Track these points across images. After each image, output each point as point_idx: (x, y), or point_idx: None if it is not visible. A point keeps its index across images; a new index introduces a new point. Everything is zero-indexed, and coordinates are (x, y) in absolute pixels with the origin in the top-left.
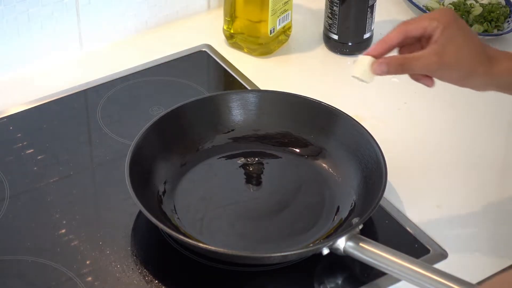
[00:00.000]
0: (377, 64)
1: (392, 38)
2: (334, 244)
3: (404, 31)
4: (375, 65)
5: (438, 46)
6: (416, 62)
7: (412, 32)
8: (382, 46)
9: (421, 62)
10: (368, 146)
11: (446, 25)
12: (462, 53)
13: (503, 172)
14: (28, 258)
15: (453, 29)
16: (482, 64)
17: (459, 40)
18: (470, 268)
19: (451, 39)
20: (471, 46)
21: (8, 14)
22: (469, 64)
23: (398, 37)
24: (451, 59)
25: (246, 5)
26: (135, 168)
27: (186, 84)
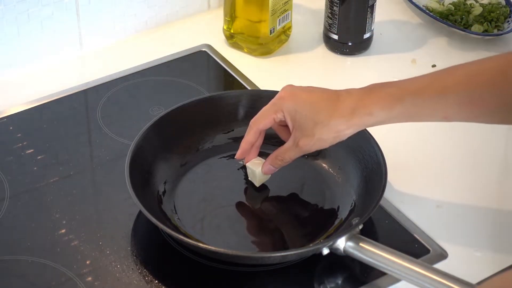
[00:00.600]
0: (264, 168)
1: (250, 140)
2: (334, 244)
3: (258, 130)
4: (264, 169)
5: (293, 137)
6: (284, 156)
7: (263, 127)
8: (247, 149)
9: (287, 155)
10: (368, 146)
11: (288, 110)
12: (313, 126)
13: (503, 172)
14: (28, 258)
15: (295, 110)
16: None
17: (303, 119)
18: (470, 268)
19: (297, 124)
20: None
21: (8, 14)
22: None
23: (255, 136)
24: (307, 141)
25: (246, 5)
26: (135, 168)
27: (186, 84)
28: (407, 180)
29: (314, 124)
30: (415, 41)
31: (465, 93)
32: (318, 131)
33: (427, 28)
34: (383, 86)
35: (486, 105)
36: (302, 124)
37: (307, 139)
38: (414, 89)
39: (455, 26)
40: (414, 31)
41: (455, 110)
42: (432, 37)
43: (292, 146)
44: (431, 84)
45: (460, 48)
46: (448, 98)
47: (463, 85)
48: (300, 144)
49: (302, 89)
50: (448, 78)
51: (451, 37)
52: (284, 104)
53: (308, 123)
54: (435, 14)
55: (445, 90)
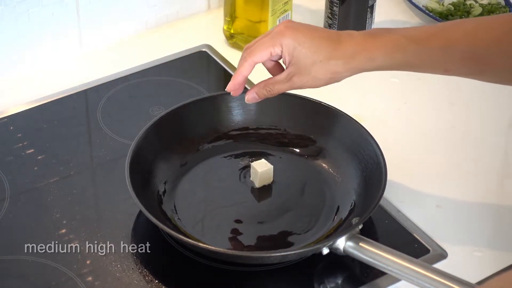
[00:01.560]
0: (248, 96)
1: (244, 72)
2: (334, 244)
3: (253, 62)
4: (247, 96)
5: (287, 71)
6: (273, 87)
7: (259, 60)
8: (238, 80)
9: (276, 87)
10: (368, 146)
11: (287, 45)
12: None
13: (503, 172)
14: (28, 258)
15: (294, 45)
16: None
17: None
18: (470, 268)
19: (294, 59)
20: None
21: (8, 14)
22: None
23: (249, 68)
24: (301, 78)
25: (246, 5)
26: (135, 168)
27: (186, 84)
28: (407, 180)
29: (312, 62)
30: None
31: (470, 48)
32: (315, 69)
33: None
34: (387, 32)
35: (491, 64)
36: (300, 60)
37: (301, 75)
38: (418, 38)
39: None
40: None
41: (458, 64)
42: None
43: (284, 79)
44: (436, 34)
45: None
46: (452, 51)
47: (469, 40)
48: (294, 79)
49: (303, 25)
50: (455, 31)
51: None
52: (284, 39)
53: (306, 60)
54: (435, 14)
55: (449, 43)
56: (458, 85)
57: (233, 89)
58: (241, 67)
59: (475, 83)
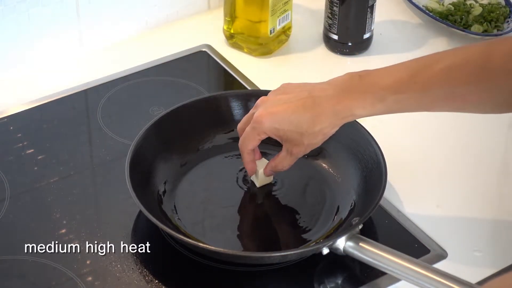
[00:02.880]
0: (266, 172)
1: (249, 159)
2: (334, 244)
3: (250, 151)
4: (265, 173)
5: (284, 148)
6: (282, 165)
7: (254, 147)
8: (253, 165)
9: (284, 163)
10: (368, 146)
11: (269, 131)
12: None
13: (503, 172)
14: (28, 258)
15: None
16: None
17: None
18: (470, 268)
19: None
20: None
21: (8, 14)
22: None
23: (251, 155)
24: (299, 149)
25: (246, 5)
26: (135, 168)
27: (186, 84)
28: (407, 180)
29: (300, 135)
30: (415, 41)
31: (446, 90)
32: (306, 139)
33: (427, 28)
34: (361, 84)
35: (469, 100)
36: (288, 137)
37: (298, 147)
38: (394, 87)
39: (455, 26)
40: (414, 31)
41: (438, 104)
42: (432, 37)
43: (286, 155)
44: (411, 79)
45: None
46: (430, 94)
47: (444, 81)
48: (294, 152)
49: (276, 104)
50: (428, 73)
51: (451, 37)
52: (264, 127)
53: (294, 135)
54: (435, 14)
55: (426, 87)
56: None
57: (253, 173)
58: (244, 158)
59: None
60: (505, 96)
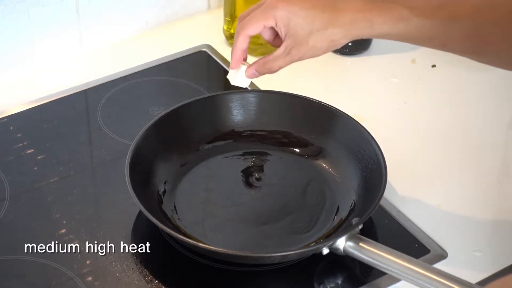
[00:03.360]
0: (248, 72)
1: (241, 46)
2: (334, 244)
3: (247, 36)
4: (247, 72)
5: (284, 44)
6: (273, 63)
7: (253, 33)
8: (240, 56)
9: (276, 63)
10: (368, 146)
11: (281, 17)
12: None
13: (503, 172)
14: (28, 258)
15: (288, 17)
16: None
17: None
18: (470, 268)
19: (290, 31)
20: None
21: (8, 14)
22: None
23: (245, 42)
24: (299, 49)
25: (246, 5)
26: (135, 168)
27: (186, 84)
28: (407, 180)
29: (309, 32)
30: None
31: (473, 26)
32: (313, 39)
33: None
34: (389, 0)
35: (492, 44)
36: (296, 32)
37: (300, 47)
38: (421, 10)
39: None
40: None
41: (458, 41)
42: None
43: (282, 53)
44: (440, 8)
45: None
46: (454, 27)
47: (473, 16)
48: (292, 52)
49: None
50: (460, 5)
51: None
52: (277, 11)
53: (303, 31)
54: None
55: (453, 17)
56: (458, 85)
57: (237, 65)
58: (237, 42)
59: (475, 83)
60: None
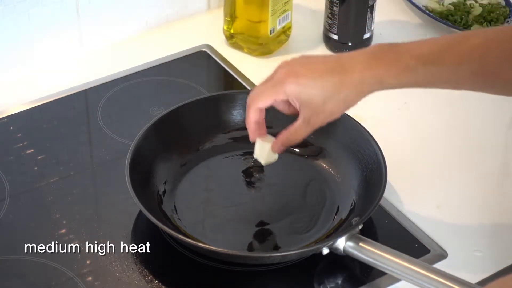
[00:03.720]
0: (274, 147)
1: (253, 119)
2: (334, 244)
3: (257, 109)
4: (274, 147)
5: (302, 116)
6: (296, 136)
7: (263, 106)
8: (255, 128)
9: (299, 134)
10: (368, 146)
11: (291, 92)
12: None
13: (503, 172)
14: (28, 258)
15: (298, 90)
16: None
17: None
18: (470, 268)
19: (304, 103)
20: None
21: (8, 14)
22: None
23: (257, 114)
24: (318, 117)
25: (246, 5)
26: (135, 168)
27: (186, 84)
28: (407, 180)
29: (323, 100)
30: None
31: (480, 64)
32: (329, 105)
33: (427, 28)
34: (392, 52)
35: (501, 78)
36: (311, 102)
37: (318, 115)
38: (426, 58)
39: (455, 26)
40: (414, 31)
41: (468, 80)
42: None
43: (302, 124)
44: (444, 52)
45: None
46: (462, 69)
47: (478, 56)
48: (312, 121)
49: (302, 65)
50: (463, 47)
51: None
52: (286, 87)
53: (317, 100)
54: (435, 14)
55: (459, 61)
56: None
57: (255, 137)
58: (249, 116)
59: None
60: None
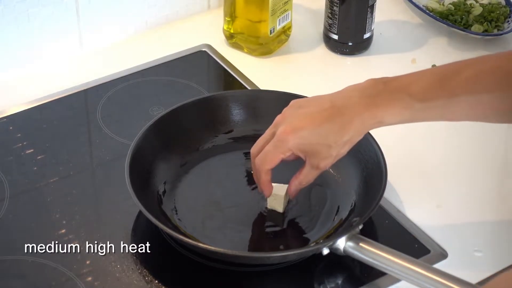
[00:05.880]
0: (290, 194)
1: (266, 180)
2: (334, 244)
3: (268, 171)
4: (290, 195)
5: (309, 163)
6: (307, 180)
7: (273, 166)
8: (269, 186)
9: (309, 178)
10: (368, 146)
11: (295, 148)
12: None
13: (503, 172)
14: (28, 258)
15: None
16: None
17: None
18: (470, 268)
19: (310, 154)
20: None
21: (8, 14)
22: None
23: (268, 177)
24: (326, 162)
25: (246, 5)
26: (135, 168)
27: (186, 84)
28: (407, 180)
29: (327, 147)
30: (415, 41)
31: (473, 97)
32: (334, 150)
33: (427, 28)
34: (386, 90)
35: (495, 108)
36: (315, 151)
37: (326, 160)
38: (422, 93)
39: (455, 26)
40: (414, 31)
41: (463, 112)
42: (432, 37)
43: (311, 170)
44: (439, 87)
45: (460, 48)
46: (456, 101)
47: (471, 88)
48: (321, 166)
49: (299, 118)
50: (456, 80)
51: (451, 37)
52: (289, 143)
53: (321, 149)
54: (435, 14)
55: (453, 95)
56: None
57: (269, 194)
58: (262, 178)
59: None
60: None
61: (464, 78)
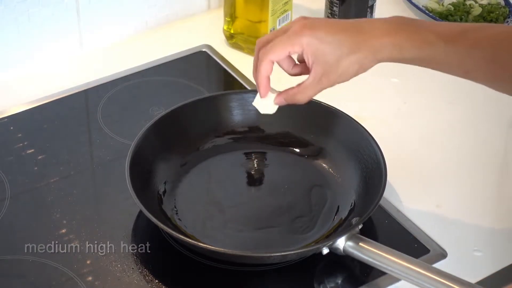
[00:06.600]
0: (277, 99)
1: (266, 73)
2: (334, 244)
3: (270, 61)
4: (276, 100)
5: (313, 73)
6: (303, 94)
7: (277, 58)
8: (265, 83)
9: (307, 93)
10: (368, 146)
11: (308, 44)
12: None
13: (503, 172)
14: (28, 258)
15: (315, 44)
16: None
17: (326, 52)
18: (470, 268)
19: (319, 58)
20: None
21: (8, 14)
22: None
23: (269, 68)
24: (329, 77)
25: (246, 5)
26: (135, 168)
27: (186, 84)
28: (407, 180)
29: (337, 58)
30: None
31: (495, 52)
32: (342, 64)
33: None
34: (413, 25)
35: (508, 70)
36: (325, 58)
37: (330, 74)
38: (446, 36)
39: None
40: None
41: (480, 67)
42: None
43: (312, 82)
44: (463, 34)
45: None
46: (478, 52)
47: (495, 43)
48: (323, 80)
49: (320, 21)
50: (482, 33)
51: None
52: (303, 38)
53: (331, 57)
54: (434, 14)
55: (476, 44)
56: (458, 85)
57: (266, 94)
58: (261, 69)
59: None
60: None
61: (487, 33)
